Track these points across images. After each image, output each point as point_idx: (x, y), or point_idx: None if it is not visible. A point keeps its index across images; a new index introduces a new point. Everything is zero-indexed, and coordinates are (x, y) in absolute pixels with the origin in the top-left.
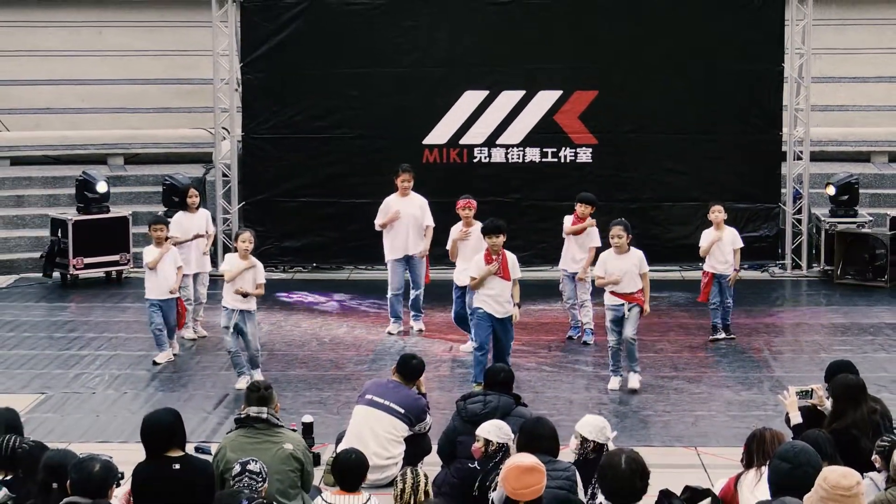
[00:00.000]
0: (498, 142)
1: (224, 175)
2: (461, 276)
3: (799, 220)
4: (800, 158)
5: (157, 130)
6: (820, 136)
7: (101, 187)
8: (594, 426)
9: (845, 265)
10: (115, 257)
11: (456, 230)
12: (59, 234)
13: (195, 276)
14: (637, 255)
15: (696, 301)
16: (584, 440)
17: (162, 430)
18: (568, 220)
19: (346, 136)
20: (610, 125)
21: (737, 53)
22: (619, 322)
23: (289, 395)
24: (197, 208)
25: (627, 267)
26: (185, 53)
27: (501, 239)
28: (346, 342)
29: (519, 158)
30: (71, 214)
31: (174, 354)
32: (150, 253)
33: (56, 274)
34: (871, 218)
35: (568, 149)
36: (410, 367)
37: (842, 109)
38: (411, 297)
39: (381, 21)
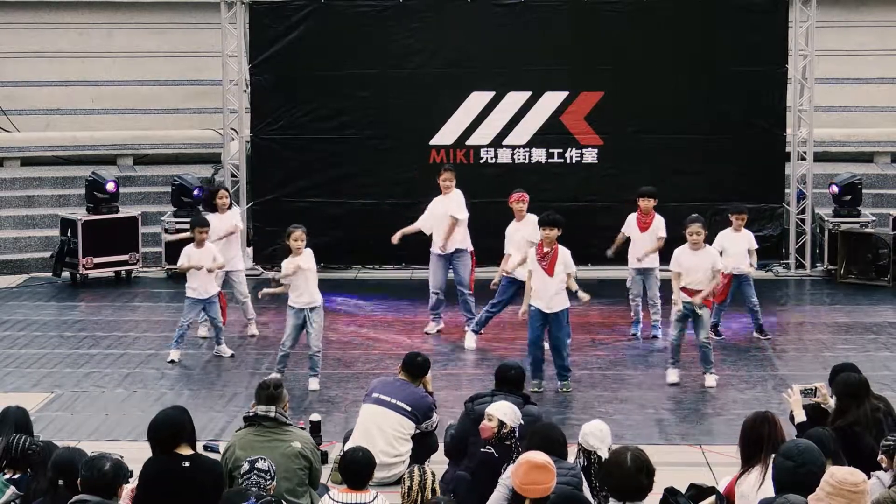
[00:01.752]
0: (504, 142)
1: (233, 175)
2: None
3: (803, 220)
4: (803, 159)
5: (166, 131)
6: (823, 136)
7: (111, 187)
8: (597, 435)
9: (848, 265)
10: (125, 257)
11: (511, 230)
12: (69, 234)
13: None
14: (711, 253)
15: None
16: (586, 451)
17: (170, 427)
18: (632, 218)
19: (353, 137)
20: (615, 126)
21: (741, 55)
22: (685, 318)
23: (298, 393)
24: (228, 209)
25: (701, 264)
26: (195, 55)
27: (556, 232)
28: (354, 341)
29: (525, 159)
30: (81, 214)
31: (230, 355)
32: (189, 257)
33: (66, 273)
34: (874, 218)
35: (574, 149)
36: (416, 365)
37: (845, 110)
38: (460, 300)
39: (388, 22)
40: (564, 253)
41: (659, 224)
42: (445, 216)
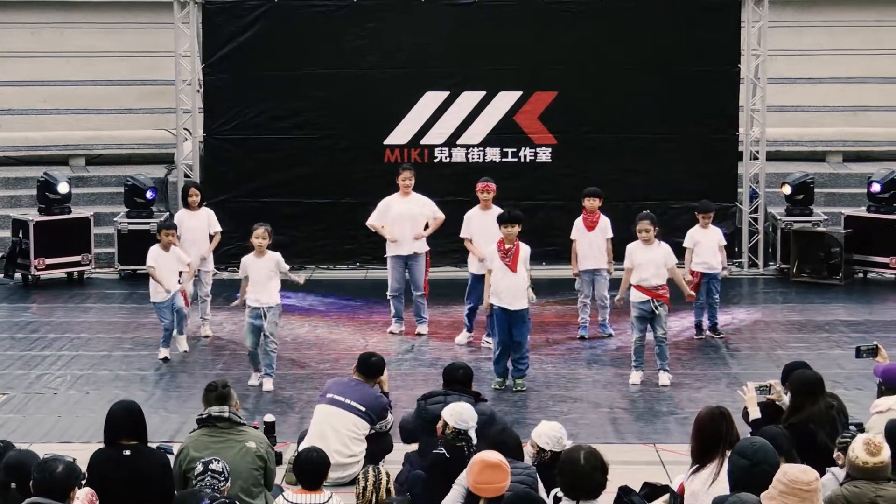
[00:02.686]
0: (458, 142)
1: (186, 176)
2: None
3: (755, 219)
4: (756, 158)
5: (119, 131)
6: (776, 136)
7: (63, 188)
8: (551, 436)
9: (801, 263)
10: (77, 258)
11: (471, 216)
12: (21, 235)
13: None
14: (664, 248)
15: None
16: (540, 450)
17: (115, 419)
18: (579, 221)
19: (308, 137)
20: (569, 126)
21: (694, 55)
22: (644, 320)
23: (252, 394)
24: (199, 206)
25: (654, 259)
26: (148, 55)
27: (517, 229)
28: (308, 341)
29: (479, 158)
30: (32, 215)
31: (184, 351)
32: (155, 259)
33: (18, 275)
34: (826, 217)
35: (528, 149)
36: (370, 365)
37: (797, 110)
38: (414, 301)
39: (343, 22)
40: (526, 250)
41: (605, 224)
42: (409, 217)
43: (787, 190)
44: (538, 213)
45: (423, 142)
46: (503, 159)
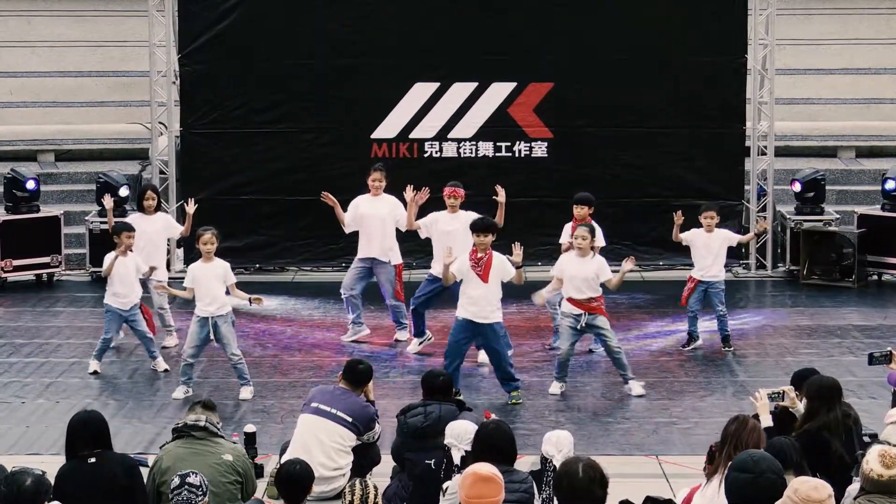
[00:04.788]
0: (449, 136)
1: (161, 172)
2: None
3: (763, 218)
4: (764, 154)
5: (90, 125)
6: (784, 130)
7: (31, 185)
8: (553, 442)
9: (811, 265)
10: (46, 259)
11: (438, 217)
12: None
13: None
14: (598, 262)
15: (657, 303)
16: (545, 459)
17: (72, 432)
18: (568, 227)
19: (290, 131)
20: (566, 119)
21: (698, 44)
22: (575, 332)
23: (230, 403)
24: (154, 211)
25: (586, 272)
26: (120, 45)
27: (490, 238)
28: (291, 347)
29: (471, 153)
30: None
31: (164, 370)
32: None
33: None
34: (837, 216)
35: (522, 143)
36: (357, 373)
37: (807, 102)
38: (388, 309)
39: (327, 10)
40: (499, 259)
41: (597, 233)
42: (382, 220)
43: (796, 187)
44: (533, 210)
45: (412, 136)
46: (496, 154)
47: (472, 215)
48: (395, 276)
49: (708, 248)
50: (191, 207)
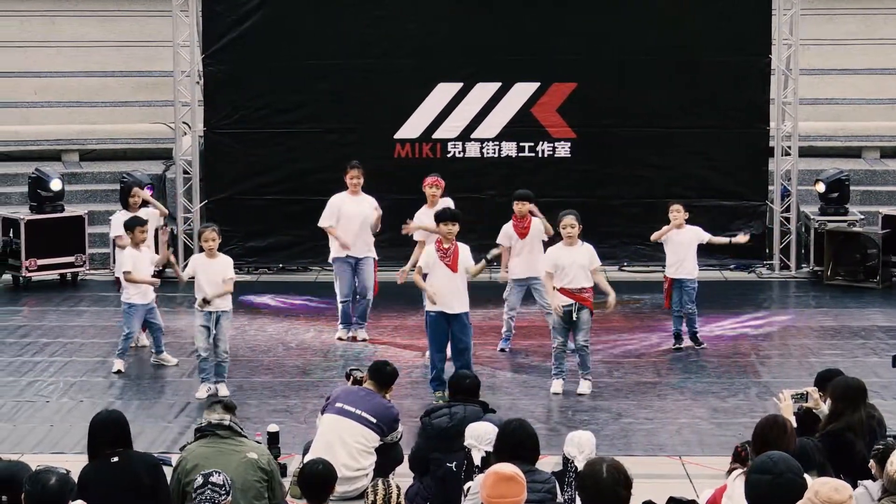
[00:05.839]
0: (473, 136)
1: (185, 172)
2: None
3: (787, 219)
4: (788, 154)
5: (114, 125)
6: (808, 130)
7: (56, 185)
8: (575, 443)
9: (835, 265)
10: (71, 258)
11: (421, 214)
12: (11, 235)
13: None
14: (587, 248)
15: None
16: (567, 460)
17: (94, 433)
18: (508, 227)
19: (313, 131)
20: (589, 119)
21: (722, 44)
22: (568, 323)
23: (253, 402)
24: (139, 208)
25: (578, 261)
26: (144, 45)
27: (456, 228)
28: (314, 347)
29: (495, 153)
30: (23, 214)
31: (176, 364)
32: (133, 261)
33: (8, 276)
34: (862, 216)
35: (546, 143)
36: (385, 374)
37: (831, 102)
38: (358, 304)
39: (350, 10)
40: (465, 249)
41: (538, 230)
42: (362, 218)
43: (820, 188)
44: (556, 210)
45: (435, 136)
46: (520, 154)
47: (449, 201)
48: (373, 272)
49: (678, 245)
50: (165, 236)
